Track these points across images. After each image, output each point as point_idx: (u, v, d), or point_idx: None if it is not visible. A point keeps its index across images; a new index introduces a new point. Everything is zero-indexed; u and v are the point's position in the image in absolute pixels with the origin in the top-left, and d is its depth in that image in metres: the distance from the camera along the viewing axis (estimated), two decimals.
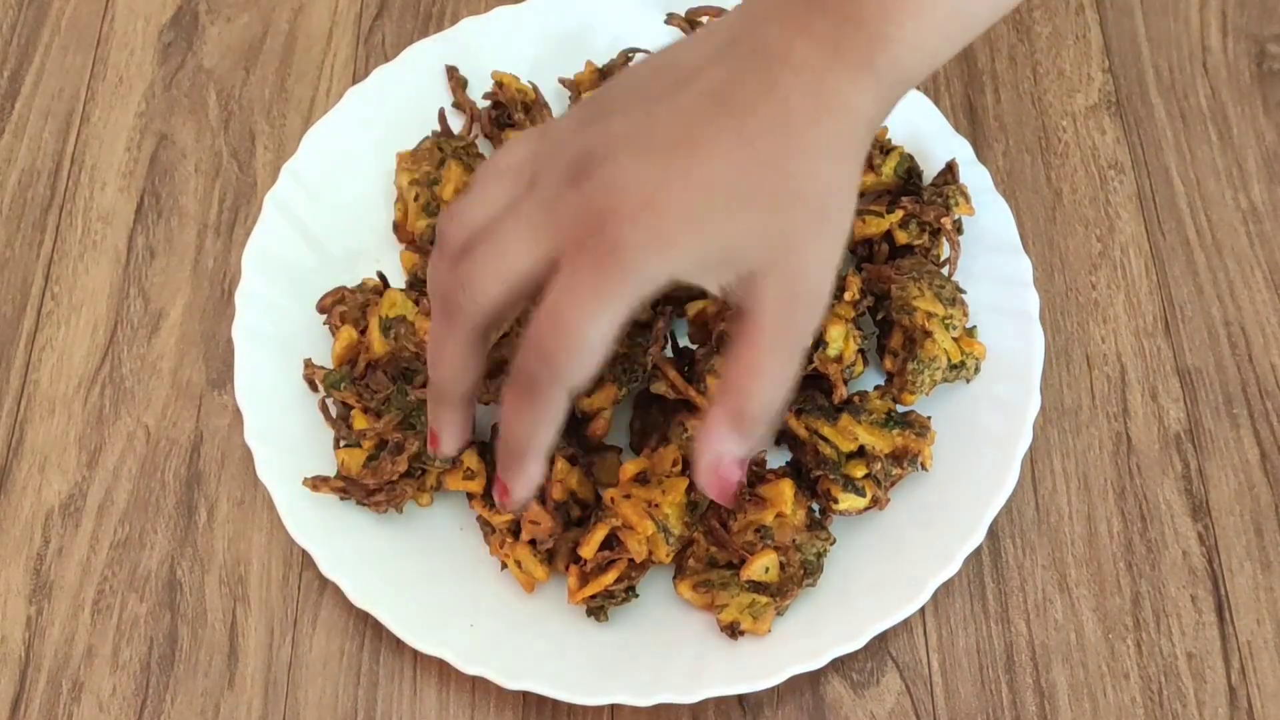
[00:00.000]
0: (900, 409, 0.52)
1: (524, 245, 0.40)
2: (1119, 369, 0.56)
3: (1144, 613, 0.51)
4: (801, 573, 0.49)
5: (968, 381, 0.53)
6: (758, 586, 0.48)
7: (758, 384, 0.41)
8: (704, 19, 0.59)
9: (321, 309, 0.54)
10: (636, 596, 0.49)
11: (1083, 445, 0.54)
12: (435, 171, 0.55)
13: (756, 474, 0.50)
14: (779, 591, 0.48)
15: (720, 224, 0.39)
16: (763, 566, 0.48)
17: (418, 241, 0.55)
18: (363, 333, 0.53)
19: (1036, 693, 0.50)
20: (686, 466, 0.50)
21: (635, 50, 0.59)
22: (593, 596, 0.48)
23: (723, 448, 0.42)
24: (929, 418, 0.51)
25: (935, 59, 0.43)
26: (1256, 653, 0.51)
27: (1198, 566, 0.52)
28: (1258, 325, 0.57)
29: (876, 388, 0.52)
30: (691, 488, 0.49)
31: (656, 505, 0.48)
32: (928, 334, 0.51)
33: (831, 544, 0.49)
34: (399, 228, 0.56)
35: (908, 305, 0.51)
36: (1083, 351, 0.56)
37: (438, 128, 0.58)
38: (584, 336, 0.39)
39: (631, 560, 0.48)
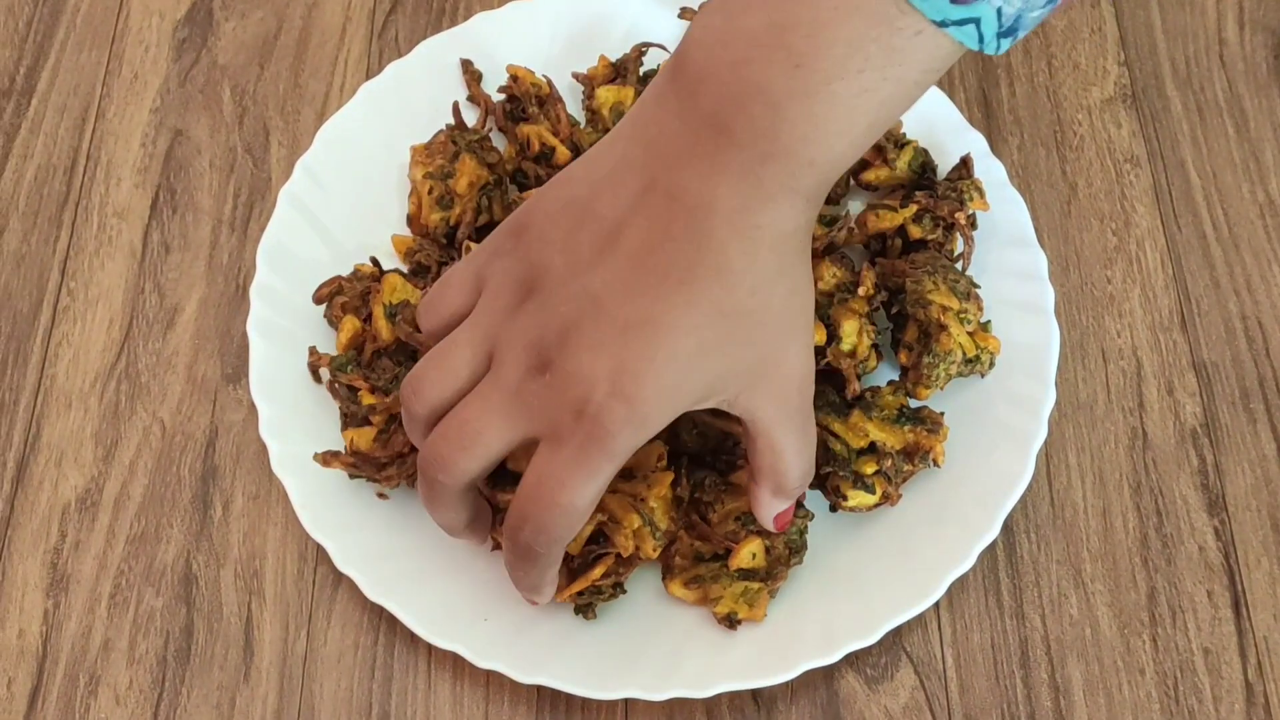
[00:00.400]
0: (913, 404, 0.52)
1: (497, 432, 0.42)
2: (1135, 363, 0.56)
3: (1160, 608, 0.51)
4: (787, 553, 0.49)
5: (982, 376, 0.53)
6: (747, 574, 0.48)
7: (783, 465, 0.45)
8: None
9: (319, 300, 0.54)
10: (624, 593, 0.49)
11: (1098, 440, 0.54)
12: (449, 165, 0.55)
13: (728, 463, 0.50)
14: (768, 575, 0.48)
15: (691, 386, 0.42)
16: (749, 553, 0.48)
17: (431, 234, 0.55)
18: (366, 320, 0.53)
19: (1051, 688, 0.50)
20: (671, 462, 0.50)
21: (649, 44, 0.59)
22: (580, 593, 0.48)
23: (775, 510, 0.47)
24: (942, 413, 0.51)
25: (855, 157, 0.41)
26: (1274, 648, 0.50)
27: (1214, 561, 0.52)
28: (1275, 319, 0.56)
29: (890, 383, 0.52)
30: (676, 482, 0.49)
31: (643, 499, 0.48)
32: (943, 327, 0.51)
33: (810, 519, 0.49)
34: (413, 220, 0.56)
35: (922, 299, 0.51)
36: (1098, 346, 0.56)
37: (451, 121, 0.58)
38: (574, 508, 0.42)
39: (619, 556, 0.48)
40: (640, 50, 0.58)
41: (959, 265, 0.54)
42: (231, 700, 0.50)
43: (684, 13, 0.59)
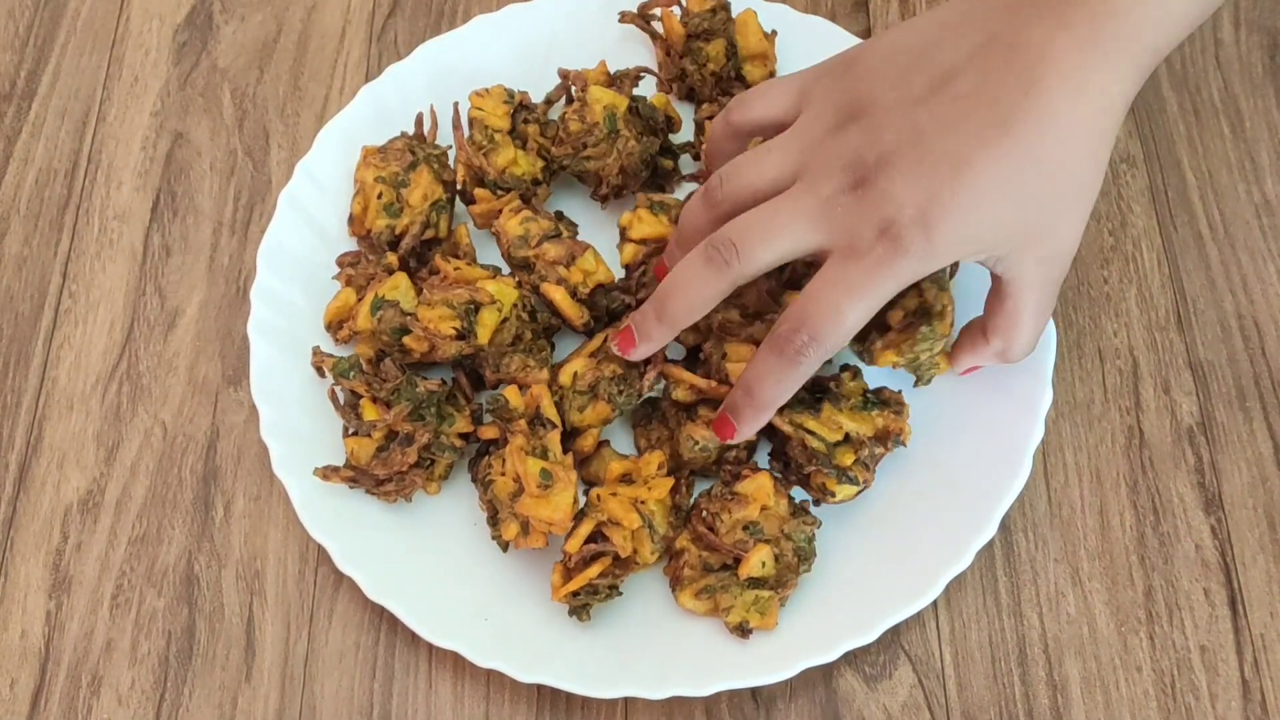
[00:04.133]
0: (871, 386, 0.51)
1: (800, 232, 0.46)
2: (1131, 362, 0.56)
3: (1157, 606, 0.51)
4: (796, 560, 0.49)
5: (916, 385, 0.52)
6: (757, 582, 0.48)
7: (1019, 332, 0.49)
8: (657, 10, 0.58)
9: (339, 264, 0.54)
10: (620, 594, 0.49)
11: (1095, 439, 0.54)
12: (404, 174, 0.54)
13: (732, 473, 0.50)
14: (779, 583, 0.49)
15: (983, 230, 0.45)
16: (759, 562, 0.48)
17: (372, 240, 0.55)
18: (360, 300, 0.53)
19: (1049, 686, 0.50)
20: (672, 470, 0.50)
21: (646, 70, 0.58)
22: (575, 594, 0.48)
23: (974, 363, 0.51)
24: (899, 391, 0.51)
25: (1186, 32, 0.45)
26: (1269, 645, 0.51)
27: (1210, 560, 0.52)
28: (1270, 318, 0.57)
29: (844, 367, 0.52)
30: (675, 490, 0.49)
31: (643, 502, 0.48)
32: (942, 314, 0.51)
33: (817, 526, 0.50)
34: (354, 221, 0.56)
35: (939, 280, 0.51)
36: (1095, 345, 0.56)
37: (419, 127, 0.57)
38: (847, 319, 0.45)
39: (616, 557, 0.48)
40: (638, 74, 0.57)
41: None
42: (233, 700, 0.50)
43: (624, 16, 0.58)
